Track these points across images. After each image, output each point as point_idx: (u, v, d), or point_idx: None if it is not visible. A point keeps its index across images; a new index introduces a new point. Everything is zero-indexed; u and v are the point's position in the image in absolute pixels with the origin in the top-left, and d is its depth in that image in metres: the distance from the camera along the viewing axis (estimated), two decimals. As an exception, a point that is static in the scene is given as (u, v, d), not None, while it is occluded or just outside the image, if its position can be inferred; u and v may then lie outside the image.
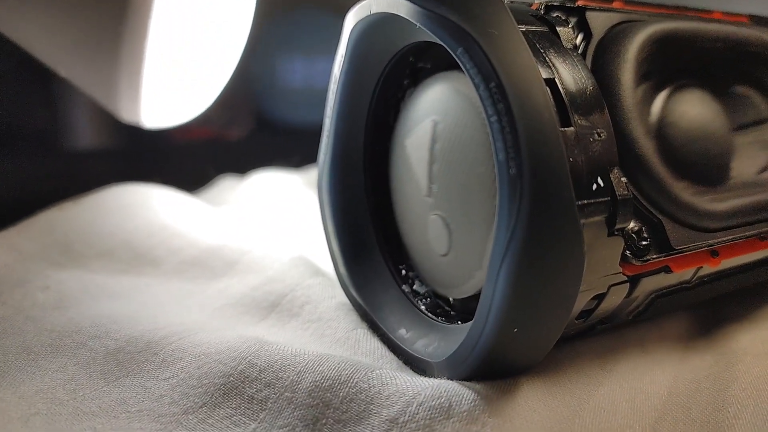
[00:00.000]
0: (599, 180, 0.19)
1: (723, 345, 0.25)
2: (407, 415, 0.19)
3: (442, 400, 0.20)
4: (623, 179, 0.20)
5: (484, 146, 0.22)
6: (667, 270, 0.22)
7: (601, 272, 0.20)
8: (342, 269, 0.28)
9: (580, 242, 0.19)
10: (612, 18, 0.23)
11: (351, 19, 0.25)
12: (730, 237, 0.23)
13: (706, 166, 0.24)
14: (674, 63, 0.24)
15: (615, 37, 0.22)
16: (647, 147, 0.21)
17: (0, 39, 0.31)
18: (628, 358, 0.24)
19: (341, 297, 0.28)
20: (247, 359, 0.21)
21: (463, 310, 0.25)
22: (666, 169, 0.22)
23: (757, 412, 0.22)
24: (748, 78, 0.27)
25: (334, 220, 0.28)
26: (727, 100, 0.26)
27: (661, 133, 0.23)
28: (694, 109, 0.24)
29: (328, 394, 0.20)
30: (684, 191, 0.22)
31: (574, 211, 0.18)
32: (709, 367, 0.24)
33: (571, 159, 0.19)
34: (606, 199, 0.19)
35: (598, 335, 0.25)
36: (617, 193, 0.19)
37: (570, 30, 0.22)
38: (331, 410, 0.20)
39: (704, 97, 0.25)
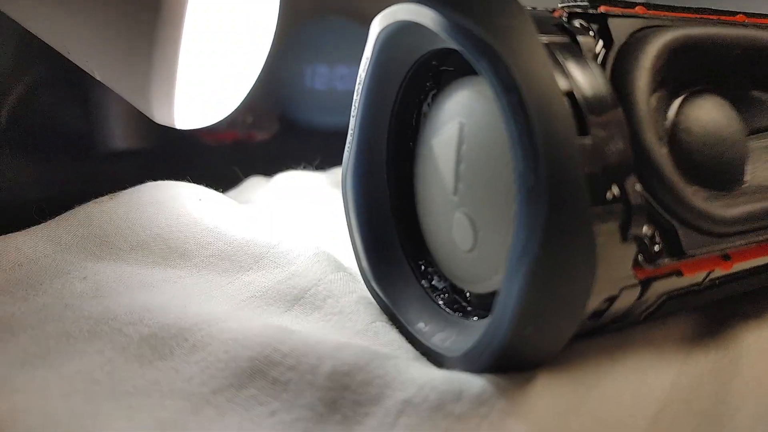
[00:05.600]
0: (614, 188, 0.20)
1: (728, 342, 0.26)
2: (420, 397, 0.20)
3: (454, 384, 0.21)
4: (638, 187, 0.20)
5: (507, 149, 0.22)
6: (679, 273, 0.22)
7: (614, 276, 0.21)
8: (364, 264, 0.29)
9: (594, 248, 0.19)
10: (634, 24, 0.24)
11: (377, 25, 0.26)
12: (742, 241, 0.23)
13: (719, 170, 0.24)
14: (691, 69, 0.25)
15: (635, 44, 0.23)
16: (660, 154, 0.22)
17: (37, 45, 0.32)
18: (635, 353, 0.24)
19: (362, 292, 0.29)
20: (272, 345, 0.22)
21: (479, 305, 0.26)
22: (679, 175, 0.22)
23: (759, 405, 0.23)
24: (765, 83, 0.27)
25: (357, 217, 0.29)
26: (742, 105, 0.26)
27: (675, 138, 0.23)
28: (709, 115, 0.25)
29: (347, 378, 0.21)
30: (696, 196, 0.22)
31: (589, 218, 0.19)
32: (713, 363, 0.25)
33: (587, 169, 0.19)
34: (620, 206, 0.20)
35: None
36: (631, 201, 0.20)
37: (591, 39, 0.22)
38: (349, 392, 0.21)
39: (719, 103, 0.25)
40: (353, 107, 0.28)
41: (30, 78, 0.37)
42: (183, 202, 0.33)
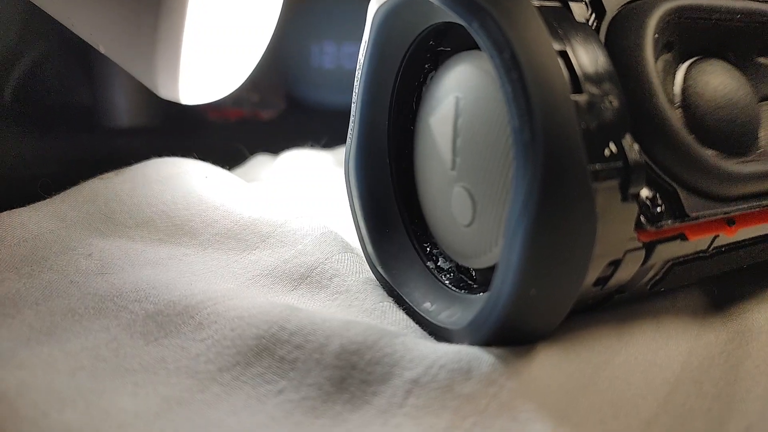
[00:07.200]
0: (611, 145, 0.20)
1: (738, 323, 0.26)
2: (429, 377, 0.20)
3: (462, 363, 0.20)
4: (636, 146, 0.20)
5: (503, 117, 0.22)
6: (683, 237, 0.22)
7: (616, 237, 0.21)
8: (369, 248, 0.29)
9: (593, 205, 0.19)
10: None
11: (373, 5, 0.26)
12: (746, 206, 0.24)
13: (733, 133, 0.24)
14: (694, 36, 0.25)
15: (629, 13, 0.23)
16: (671, 116, 0.22)
17: (42, 18, 0.32)
18: (644, 333, 0.24)
19: (369, 273, 0.29)
20: (279, 323, 0.22)
21: (484, 281, 0.26)
22: (693, 137, 0.22)
23: (770, 388, 0.23)
24: None
25: (361, 202, 0.29)
26: (750, 72, 0.26)
27: (686, 102, 0.23)
28: (719, 79, 0.25)
29: (355, 357, 0.21)
30: (711, 158, 0.22)
31: (587, 174, 0.19)
32: (724, 344, 0.25)
33: (583, 124, 0.19)
34: (618, 164, 0.20)
35: (614, 308, 0.25)
36: (630, 158, 0.20)
37: (583, 5, 0.22)
38: (357, 371, 0.21)
39: (727, 68, 0.25)
40: (354, 93, 0.28)
41: (35, 52, 0.37)
42: (189, 180, 0.33)
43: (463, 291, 0.26)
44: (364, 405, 0.20)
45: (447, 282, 0.27)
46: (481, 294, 0.25)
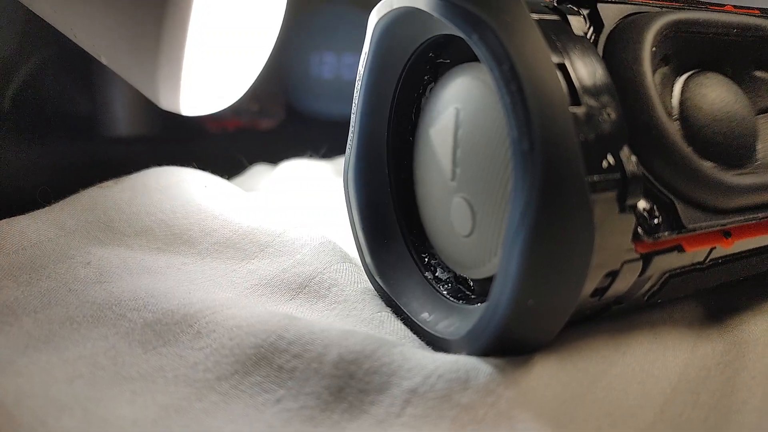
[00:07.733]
0: (609, 157, 0.20)
1: (735, 334, 0.26)
2: (426, 386, 0.20)
3: (460, 372, 0.20)
4: (633, 158, 0.20)
5: (503, 129, 0.22)
6: (680, 249, 0.22)
7: (614, 248, 0.21)
8: (368, 259, 0.29)
9: (590, 216, 0.19)
10: (623, 9, 0.24)
11: (374, 16, 0.26)
12: (742, 218, 0.24)
13: (730, 145, 0.24)
14: (691, 49, 0.25)
15: (627, 26, 0.23)
16: (669, 128, 0.22)
17: (42, 28, 0.32)
18: (641, 344, 0.24)
19: (367, 283, 0.29)
20: (277, 332, 0.22)
21: (482, 292, 0.26)
22: (690, 149, 0.22)
23: (766, 399, 0.23)
24: (765, 64, 0.27)
25: (360, 212, 0.29)
26: (747, 85, 0.26)
27: (684, 115, 0.24)
28: (716, 92, 0.25)
29: (353, 367, 0.21)
30: (708, 170, 0.23)
31: (585, 185, 0.19)
32: (720, 356, 0.25)
33: (581, 136, 0.19)
34: (616, 176, 0.20)
35: (612, 319, 0.25)
36: (627, 170, 0.20)
37: (582, 19, 0.22)
38: (355, 381, 0.21)
39: (725, 81, 0.25)
40: (353, 104, 0.28)
41: (35, 61, 0.37)
42: (188, 189, 0.33)
43: (461, 301, 0.26)
44: (362, 414, 0.20)
45: (445, 292, 0.27)
46: (479, 304, 0.25)
